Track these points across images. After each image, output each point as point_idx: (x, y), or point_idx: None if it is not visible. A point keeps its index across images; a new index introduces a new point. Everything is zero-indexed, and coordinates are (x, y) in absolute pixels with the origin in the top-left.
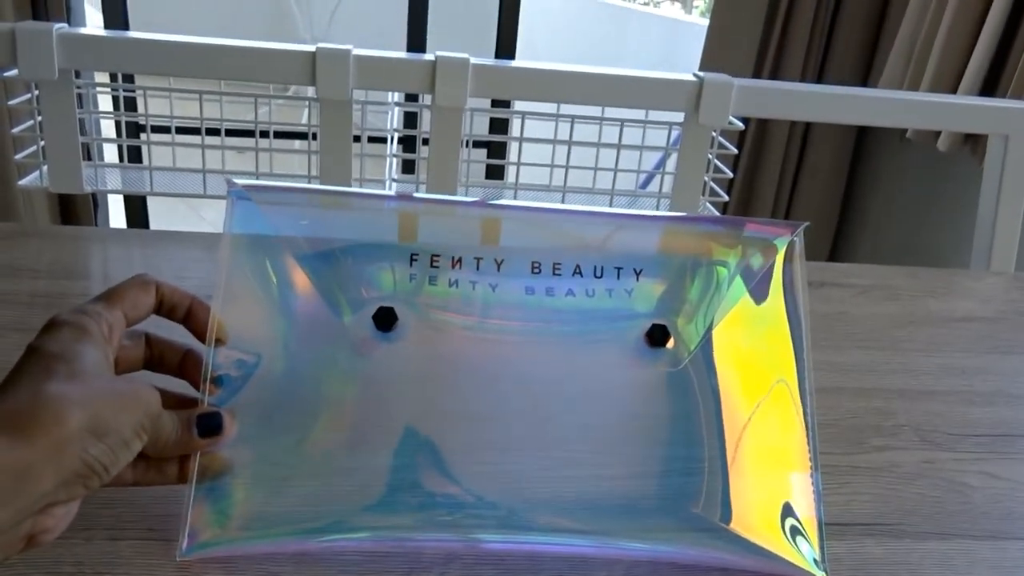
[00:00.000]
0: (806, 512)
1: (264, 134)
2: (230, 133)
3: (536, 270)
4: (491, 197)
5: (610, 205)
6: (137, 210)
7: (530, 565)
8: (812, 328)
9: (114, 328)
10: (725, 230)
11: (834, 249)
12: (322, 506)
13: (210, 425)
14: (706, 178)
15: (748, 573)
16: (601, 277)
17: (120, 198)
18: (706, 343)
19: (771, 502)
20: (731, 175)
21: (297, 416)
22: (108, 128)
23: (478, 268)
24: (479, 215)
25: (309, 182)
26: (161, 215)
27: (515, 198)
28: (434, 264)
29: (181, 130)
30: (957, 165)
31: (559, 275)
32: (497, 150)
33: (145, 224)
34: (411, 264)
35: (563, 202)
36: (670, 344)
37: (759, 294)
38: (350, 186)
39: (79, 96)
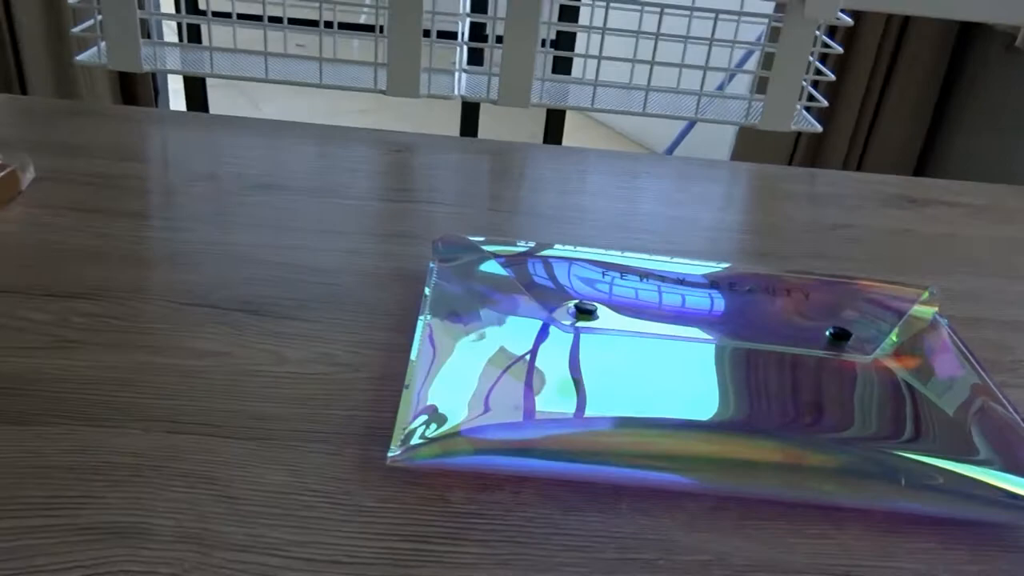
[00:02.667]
0: None
1: (328, 24)
2: (296, 22)
3: (715, 284)
4: (562, 94)
5: (697, 107)
6: (197, 100)
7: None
8: (915, 249)
9: None
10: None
11: (920, 163)
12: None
13: None
14: (804, 81)
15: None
16: (773, 294)
17: (181, 87)
18: (884, 350)
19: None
20: (833, 77)
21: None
22: (168, 11)
23: (663, 280)
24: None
25: (375, 71)
26: (220, 107)
27: (593, 96)
28: (623, 277)
29: (243, 16)
30: None
31: (736, 290)
32: (564, 44)
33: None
34: (603, 276)
35: (646, 103)
36: (851, 342)
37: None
38: (417, 76)
39: None
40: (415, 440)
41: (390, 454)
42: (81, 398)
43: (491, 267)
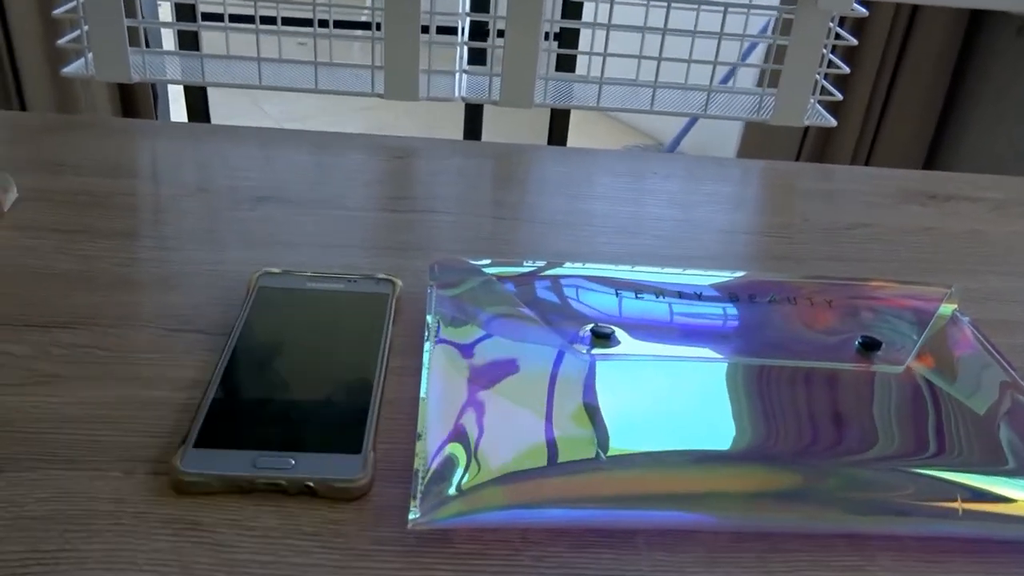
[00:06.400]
0: None
1: (324, 23)
2: (290, 22)
3: (735, 297)
4: (566, 93)
5: (707, 102)
6: (198, 104)
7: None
8: (941, 248)
9: None
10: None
11: (931, 153)
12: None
13: None
14: (818, 75)
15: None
16: (795, 304)
17: (180, 92)
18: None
19: None
20: (847, 70)
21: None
22: (166, 15)
23: (680, 297)
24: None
25: (372, 73)
26: (222, 110)
27: (599, 93)
28: (639, 296)
29: (237, 18)
30: None
31: (756, 302)
32: (568, 41)
33: (206, 118)
34: (616, 294)
35: (653, 100)
36: (881, 352)
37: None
38: (416, 78)
39: None
40: (441, 495)
41: (411, 517)
42: (59, 439)
43: (495, 291)
